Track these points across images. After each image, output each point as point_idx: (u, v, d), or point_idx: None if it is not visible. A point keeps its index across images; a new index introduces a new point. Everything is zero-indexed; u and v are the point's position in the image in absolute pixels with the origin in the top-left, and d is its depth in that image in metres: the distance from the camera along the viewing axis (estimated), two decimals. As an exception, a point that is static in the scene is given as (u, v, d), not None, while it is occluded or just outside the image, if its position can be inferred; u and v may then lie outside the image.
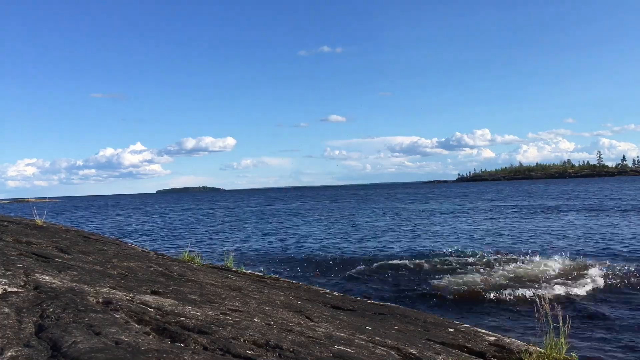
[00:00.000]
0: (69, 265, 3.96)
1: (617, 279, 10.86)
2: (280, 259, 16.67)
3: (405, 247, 18.50)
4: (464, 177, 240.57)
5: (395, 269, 13.20)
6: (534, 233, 21.03)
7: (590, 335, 7.07)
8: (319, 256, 16.65)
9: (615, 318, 7.94)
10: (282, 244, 20.76)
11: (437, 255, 15.54)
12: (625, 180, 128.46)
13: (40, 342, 2.14)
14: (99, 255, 4.99)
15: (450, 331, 4.32)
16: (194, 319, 2.83)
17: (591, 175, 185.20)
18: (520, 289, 10.15)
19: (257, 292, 4.84)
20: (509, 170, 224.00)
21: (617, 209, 32.24)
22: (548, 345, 3.69)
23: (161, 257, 6.68)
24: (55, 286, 3.04)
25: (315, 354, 2.54)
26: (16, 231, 5.66)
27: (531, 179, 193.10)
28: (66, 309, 2.59)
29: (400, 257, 15.17)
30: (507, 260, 13.95)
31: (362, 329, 3.74)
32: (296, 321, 3.47)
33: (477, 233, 22.26)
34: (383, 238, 21.67)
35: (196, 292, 3.89)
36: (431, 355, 3.24)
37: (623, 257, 14.08)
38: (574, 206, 36.61)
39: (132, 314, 2.71)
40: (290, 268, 14.62)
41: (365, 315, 4.73)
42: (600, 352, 6.42)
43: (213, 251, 18.49)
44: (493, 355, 3.70)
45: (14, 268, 3.35)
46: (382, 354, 2.93)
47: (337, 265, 14.44)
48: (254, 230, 28.02)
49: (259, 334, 2.71)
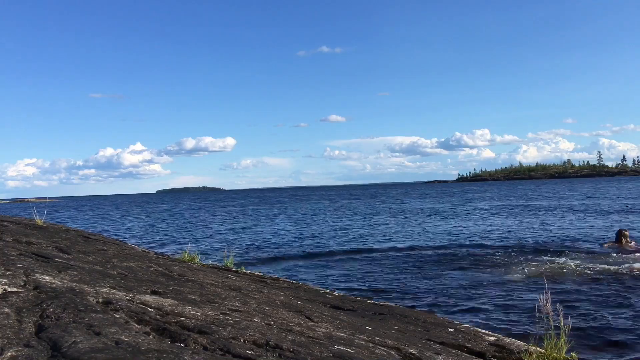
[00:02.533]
0: (69, 265, 3.96)
1: (618, 278, 10.87)
2: (280, 259, 16.69)
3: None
4: (464, 177, 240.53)
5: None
6: (530, 230, 21.06)
7: (591, 335, 7.07)
8: (317, 254, 16.68)
9: (615, 318, 7.94)
10: (282, 244, 20.77)
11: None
12: (626, 180, 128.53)
13: (40, 342, 2.14)
14: (99, 255, 4.99)
15: (450, 331, 4.32)
16: (194, 319, 2.83)
17: (591, 175, 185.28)
18: (520, 289, 10.16)
19: (257, 292, 4.84)
20: (509, 170, 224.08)
21: (613, 209, 32.27)
22: (548, 345, 3.69)
23: (161, 257, 6.68)
24: (55, 286, 3.04)
25: (315, 354, 2.54)
26: (16, 231, 5.66)
27: (531, 179, 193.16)
28: (66, 309, 2.59)
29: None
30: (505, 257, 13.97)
31: (362, 329, 3.74)
32: (296, 321, 3.47)
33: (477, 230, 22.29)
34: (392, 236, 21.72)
35: (196, 292, 3.89)
36: (431, 355, 3.24)
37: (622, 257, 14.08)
38: (572, 205, 36.68)
39: (132, 314, 2.71)
40: (290, 268, 14.63)
41: (365, 315, 4.73)
42: (601, 352, 6.43)
43: (213, 251, 18.50)
44: (493, 355, 3.70)
45: (14, 268, 3.35)
46: (382, 354, 2.93)
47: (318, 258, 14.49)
48: (254, 230, 28.03)
49: (259, 334, 2.71)
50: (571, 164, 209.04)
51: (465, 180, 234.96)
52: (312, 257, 16.54)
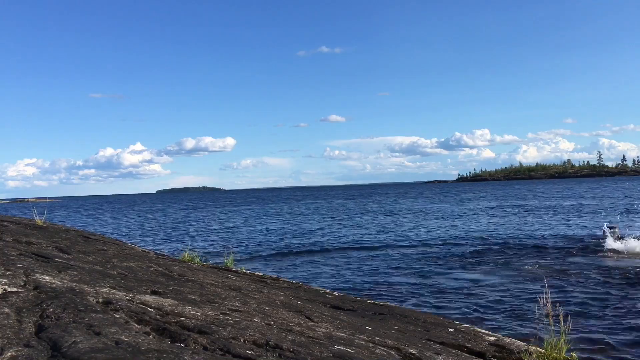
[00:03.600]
0: (69, 265, 3.96)
1: (617, 277, 10.87)
2: (280, 258, 16.69)
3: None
4: (464, 177, 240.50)
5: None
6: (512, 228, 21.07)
7: (591, 335, 7.07)
8: (319, 254, 16.69)
9: (615, 317, 7.94)
10: (283, 244, 20.78)
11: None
12: (626, 180, 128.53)
13: (40, 342, 2.14)
14: (99, 255, 4.99)
15: (450, 331, 4.32)
16: (194, 319, 2.83)
17: (591, 175, 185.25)
18: (520, 289, 10.16)
19: (257, 292, 4.85)
20: (509, 170, 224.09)
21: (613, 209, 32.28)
22: (548, 345, 3.69)
23: (161, 257, 6.68)
24: (55, 286, 3.04)
25: (315, 354, 2.54)
26: (16, 231, 5.66)
27: (531, 179, 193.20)
28: (66, 309, 2.59)
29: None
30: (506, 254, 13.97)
31: (362, 329, 3.74)
32: (296, 321, 3.47)
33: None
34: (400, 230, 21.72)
35: (196, 292, 3.89)
36: (431, 355, 3.24)
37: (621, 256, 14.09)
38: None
39: (132, 314, 2.71)
40: (290, 268, 14.63)
41: (365, 315, 4.73)
42: (601, 352, 6.43)
43: (213, 251, 18.50)
44: (493, 355, 3.70)
45: (14, 268, 3.35)
46: (382, 354, 2.93)
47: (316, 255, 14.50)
48: (254, 230, 28.04)
49: (259, 334, 2.71)
50: (571, 164, 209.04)
51: (465, 180, 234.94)
52: (312, 257, 16.54)
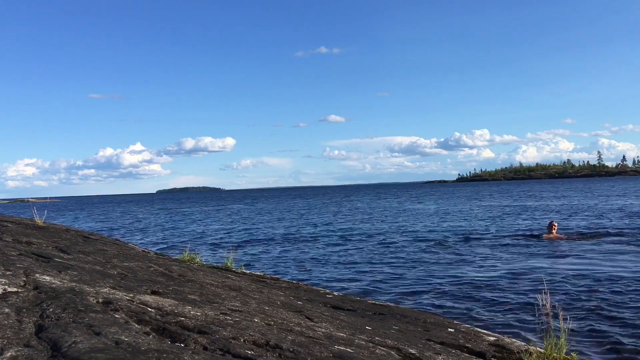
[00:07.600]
0: (69, 265, 3.96)
1: (617, 277, 10.87)
2: (280, 258, 16.69)
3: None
4: (463, 178, 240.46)
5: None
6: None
7: (591, 335, 7.07)
8: (319, 255, 16.69)
9: (615, 317, 7.94)
10: (283, 244, 20.78)
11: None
12: (625, 180, 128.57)
13: (40, 342, 2.14)
14: (99, 255, 4.99)
15: (450, 331, 4.32)
16: (194, 319, 2.83)
17: (591, 175, 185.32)
18: (520, 288, 10.16)
19: (257, 292, 4.85)
20: (509, 170, 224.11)
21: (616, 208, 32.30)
22: (548, 345, 3.69)
23: (161, 257, 6.68)
24: (55, 286, 3.04)
25: (315, 354, 2.54)
26: (16, 231, 5.66)
27: (531, 179, 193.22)
28: (66, 309, 2.59)
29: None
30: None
31: (362, 329, 3.74)
32: (296, 321, 3.47)
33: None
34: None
35: (196, 292, 3.89)
36: (431, 355, 3.24)
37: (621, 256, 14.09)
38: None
39: (132, 314, 2.71)
40: (290, 268, 14.63)
41: (365, 315, 4.73)
42: (601, 352, 6.43)
43: (213, 251, 18.50)
44: (493, 355, 3.70)
45: (14, 268, 3.35)
46: (382, 354, 2.93)
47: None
48: (254, 230, 28.03)
49: (259, 334, 2.71)
50: (571, 164, 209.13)
51: (465, 180, 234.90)
52: (312, 257, 16.55)
